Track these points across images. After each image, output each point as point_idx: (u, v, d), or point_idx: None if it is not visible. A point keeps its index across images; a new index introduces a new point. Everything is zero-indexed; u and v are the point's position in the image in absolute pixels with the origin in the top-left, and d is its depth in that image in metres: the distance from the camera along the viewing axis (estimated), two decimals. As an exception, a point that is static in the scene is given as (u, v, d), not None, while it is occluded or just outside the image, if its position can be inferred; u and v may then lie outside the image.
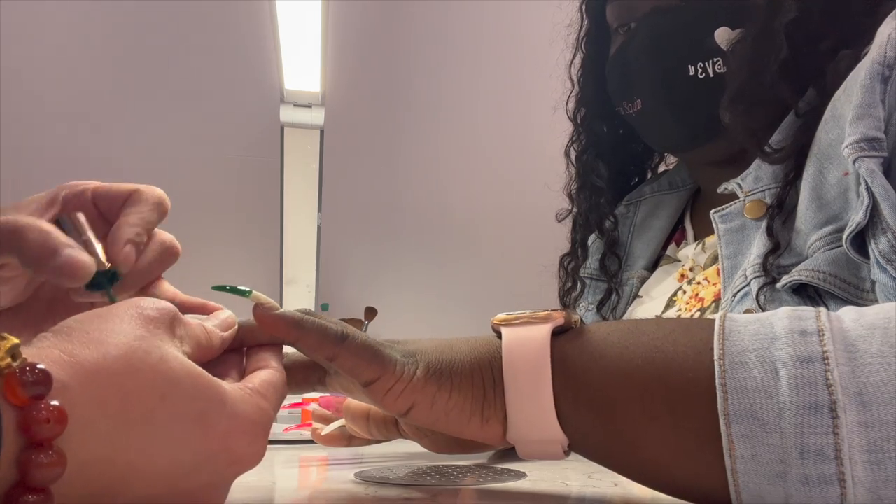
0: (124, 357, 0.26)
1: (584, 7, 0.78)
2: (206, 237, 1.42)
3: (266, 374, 0.33)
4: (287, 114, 1.12)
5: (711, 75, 0.62)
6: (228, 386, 0.29)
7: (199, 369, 0.28)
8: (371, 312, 1.47)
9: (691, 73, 0.63)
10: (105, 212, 0.43)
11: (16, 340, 0.23)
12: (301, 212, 1.14)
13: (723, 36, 0.62)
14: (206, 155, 1.45)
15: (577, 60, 0.80)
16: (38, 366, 0.23)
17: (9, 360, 0.23)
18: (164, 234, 0.43)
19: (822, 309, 0.31)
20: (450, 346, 0.38)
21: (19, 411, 0.22)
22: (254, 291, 0.36)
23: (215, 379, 0.29)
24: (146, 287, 0.42)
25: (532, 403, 0.35)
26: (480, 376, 0.36)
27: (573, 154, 0.82)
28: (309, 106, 1.12)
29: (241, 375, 0.35)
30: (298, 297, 1.13)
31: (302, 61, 1.08)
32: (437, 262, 1.54)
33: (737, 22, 0.61)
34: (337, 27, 1.10)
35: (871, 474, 0.27)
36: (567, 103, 0.82)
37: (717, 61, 0.62)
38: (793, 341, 0.29)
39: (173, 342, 0.29)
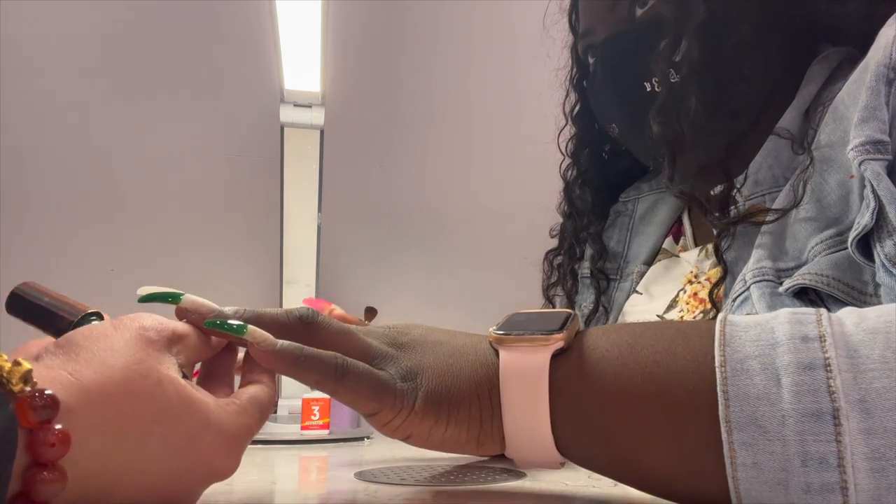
0: (124, 381, 0.28)
1: (571, 48, 0.81)
2: (206, 237, 1.42)
3: (255, 389, 0.35)
4: (287, 114, 1.12)
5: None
6: (214, 403, 0.32)
7: (190, 392, 0.30)
8: (371, 312, 1.47)
9: (649, 89, 0.64)
10: None
11: (29, 366, 0.25)
12: (301, 212, 1.14)
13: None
14: (206, 155, 1.45)
15: (572, 98, 0.83)
16: (47, 391, 0.25)
17: (21, 385, 0.25)
18: None
19: (823, 311, 0.31)
20: (451, 366, 0.37)
21: (28, 433, 0.24)
22: (248, 327, 0.35)
23: (203, 400, 0.31)
24: None
25: (529, 432, 0.34)
26: (479, 406, 0.36)
27: (568, 178, 0.84)
28: (309, 106, 1.12)
29: (232, 379, 0.37)
30: (298, 298, 1.13)
31: (302, 61, 1.07)
32: (437, 261, 1.54)
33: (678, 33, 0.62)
34: (337, 27, 1.10)
35: (874, 482, 0.27)
36: (558, 137, 0.84)
37: (671, 72, 0.62)
38: (794, 347, 0.29)
39: (170, 360, 0.31)
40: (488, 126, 1.55)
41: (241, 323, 0.34)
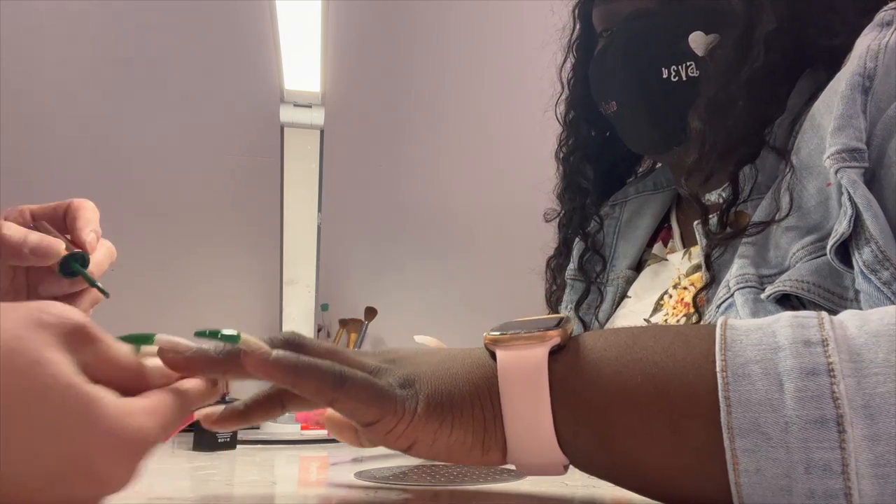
0: None
1: (576, 11, 0.79)
2: (206, 237, 1.42)
3: (169, 392, 0.31)
4: (287, 114, 1.12)
5: (684, 78, 0.63)
6: (115, 400, 0.27)
7: (77, 380, 0.26)
8: (371, 312, 1.47)
9: (664, 76, 0.64)
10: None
11: None
12: (301, 212, 1.14)
13: (697, 40, 0.63)
14: (207, 155, 1.45)
15: (568, 64, 0.81)
16: None
17: None
18: (103, 240, 0.51)
19: (825, 314, 0.31)
20: (447, 370, 0.36)
21: None
22: (242, 335, 0.33)
23: (96, 392, 0.27)
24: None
25: (532, 431, 0.34)
26: (480, 408, 0.35)
27: (561, 155, 0.83)
28: (309, 106, 1.12)
29: None
30: (298, 297, 1.13)
31: (302, 61, 1.07)
32: (437, 262, 1.54)
33: (712, 27, 0.62)
34: (337, 27, 1.10)
35: (878, 488, 0.27)
36: (556, 106, 0.83)
37: (691, 65, 0.63)
38: (797, 352, 0.29)
39: (61, 352, 0.27)
40: (489, 125, 1.55)
41: (235, 333, 0.33)
